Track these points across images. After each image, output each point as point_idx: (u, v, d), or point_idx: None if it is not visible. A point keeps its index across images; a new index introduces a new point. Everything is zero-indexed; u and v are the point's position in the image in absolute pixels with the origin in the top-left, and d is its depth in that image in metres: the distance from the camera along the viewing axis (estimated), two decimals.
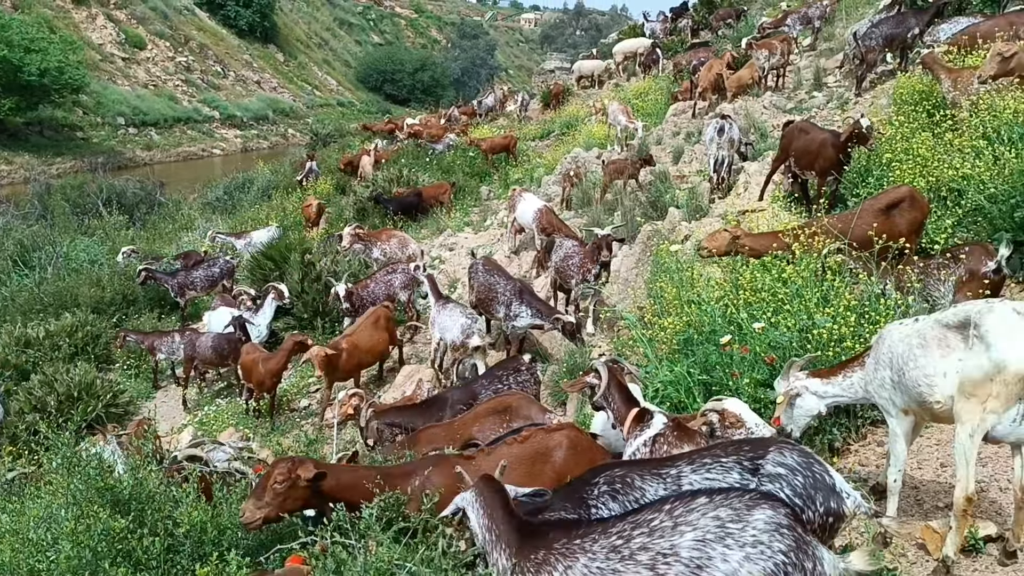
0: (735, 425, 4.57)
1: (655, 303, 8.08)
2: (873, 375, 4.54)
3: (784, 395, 4.91)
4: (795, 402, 4.92)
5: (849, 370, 4.79)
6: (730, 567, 3.01)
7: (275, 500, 4.21)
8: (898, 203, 7.22)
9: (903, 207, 7.19)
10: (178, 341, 12.72)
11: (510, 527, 3.49)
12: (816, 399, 4.89)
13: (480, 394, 7.48)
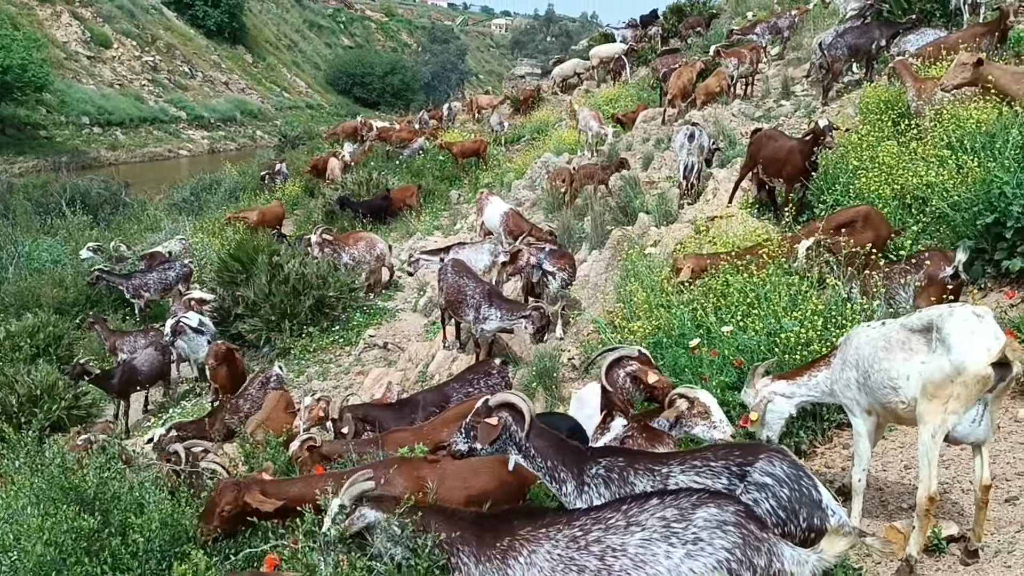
0: (702, 415, 4.62)
1: (624, 307, 8.13)
2: (839, 375, 4.61)
3: (757, 407, 4.94)
4: (767, 408, 4.97)
5: (815, 370, 4.86)
6: (672, 563, 3.20)
7: (224, 524, 4.30)
8: (852, 222, 7.38)
9: (857, 227, 7.33)
10: (142, 342, 12.56)
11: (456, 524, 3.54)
12: (785, 400, 4.95)
13: (451, 397, 7.49)
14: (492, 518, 3.59)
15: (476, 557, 3.45)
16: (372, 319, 13.24)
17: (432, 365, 10.86)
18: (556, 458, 4.09)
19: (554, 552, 3.35)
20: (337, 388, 11.46)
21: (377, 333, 12.56)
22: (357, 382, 11.43)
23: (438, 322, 11.51)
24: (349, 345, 12.76)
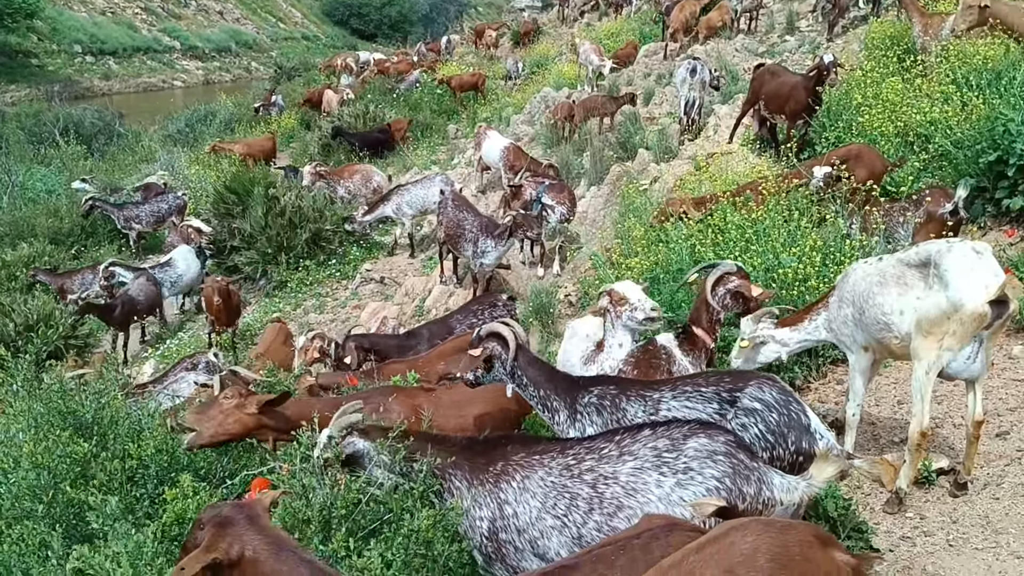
0: (620, 303, 4.77)
1: (622, 243, 8.11)
2: (837, 313, 4.60)
3: (749, 341, 4.94)
4: (757, 348, 4.95)
5: (814, 313, 4.83)
6: (663, 492, 3.23)
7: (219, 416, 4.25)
8: (845, 161, 7.31)
9: (850, 164, 7.26)
10: (90, 278, 12.47)
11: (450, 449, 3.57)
12: (778, 347, 4.93)
13: (455, 329, 7.50)
14: (485, 444, 3.61)
15: (469, 481, 3.48)
16: (369, 253, 13.21)
17: (429, 300, 10.86)
18: (548, 387, 4.15)
19: (547, 479, 3.38)
20: (334, 321, 11.48)
21: (374, 267, 12.53)
22: (354, 316, 11.44)
23: (435, 257, 11.49)
24: (346, 279, 12.76)
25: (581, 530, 3.26)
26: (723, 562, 2.29)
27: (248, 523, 2.69)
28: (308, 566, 2.64)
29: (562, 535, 3.30)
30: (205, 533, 2.68)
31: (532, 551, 3.38)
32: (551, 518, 3.32)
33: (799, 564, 2.32)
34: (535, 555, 3.38)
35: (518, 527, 3.36)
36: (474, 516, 3.42)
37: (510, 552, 3.41)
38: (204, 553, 2.62)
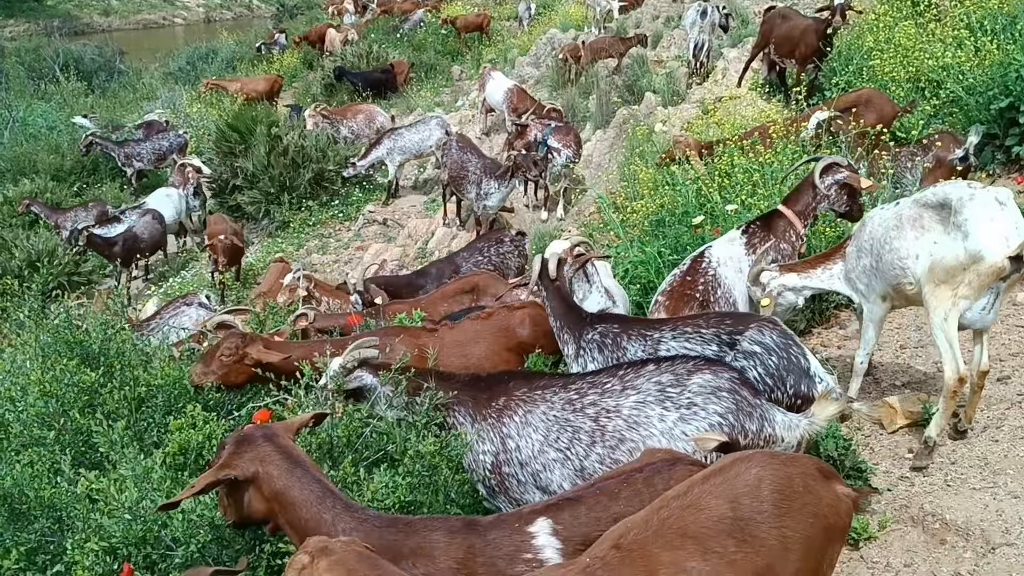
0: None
1: (628, 186, 8.07)
2: (855, 263, 4.48)
3: (767, 298, 4.87)
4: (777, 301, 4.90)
5: (831, 262, 4.71)
6: (665, 426, 3.25)
7: (220, 370, 4.29)
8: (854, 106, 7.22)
9: (859, 109, 7.16)
10: (82, 215, 12.43)
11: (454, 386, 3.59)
12: (794, 294, 4.88)
13: (461, 267, 7.51)
14: (488, 380, 3.62)
15: (472, 416, 3.50)
16: (372, 195, 13.15)
17: (432, 242, 10.85)
18: (563, 319, 4.24)
19: (549, 413, 3.40)
20: (336, 262, 11.47)
21: (376, 209, 12.49)
22: (356, 257, 11.43)
23: (438, 199, 11.45)
24: (348, 220, 12.73)
25: (583, 463, 3.30)
26: (727, 492, 2.32)
27: (265, 442, 2.72)
28: (319, 486, 2.68)
29: (564, 468, 3.34)
30: (226, 451, 2.72)
31: (535, 484, 3.43)
32: (553, 451, 3.35)
33: (802, 495, 2.35)
34: (537, 488, 3.42)
35: (520, 461, 3.40)
36: (478, 450, 3.45)
37: (513, 485, 3.46)
38: (218, 470, 2.66)
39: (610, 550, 2.29)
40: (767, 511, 2.30)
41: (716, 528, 2.26)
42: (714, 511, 2.28)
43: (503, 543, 2.62)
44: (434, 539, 2.62)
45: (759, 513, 2.29)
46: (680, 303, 4.88)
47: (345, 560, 2.26)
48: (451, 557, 2.58)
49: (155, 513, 2.88)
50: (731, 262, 5.03)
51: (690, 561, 2.23)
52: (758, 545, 2.27)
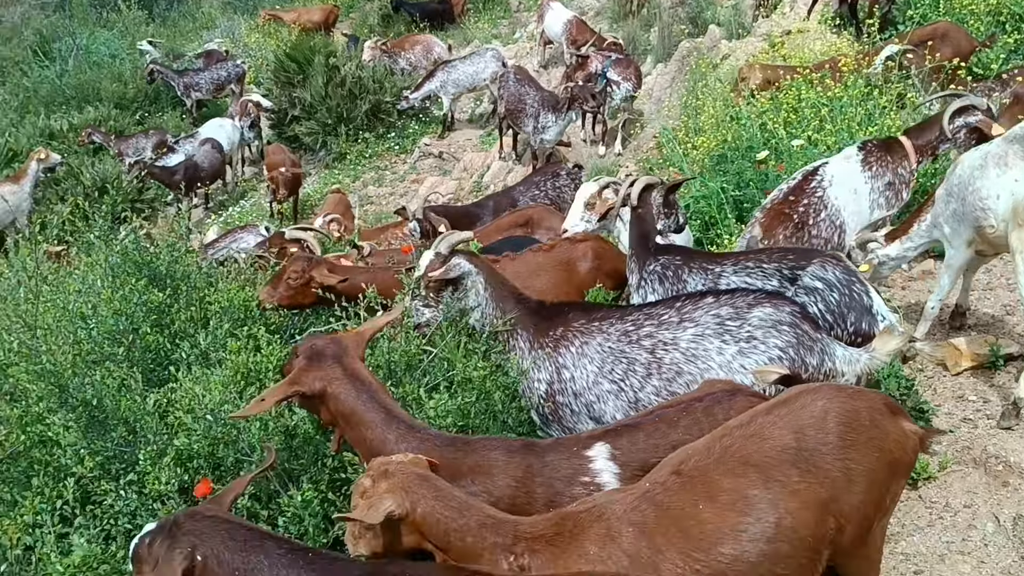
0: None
1: (689, 120, 7.91)
2: (944, 208, 4.30)
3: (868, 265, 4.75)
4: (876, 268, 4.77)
5: (920, 217, 4.57)
6: (724, 359, 3.23)
7: (287, 293, 4.38)
8: (930, 39, 6.92)
9: (935, 43, 6.86)
10: (143, 143, 12.61)
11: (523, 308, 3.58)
12: (893, 263, 4.74)
13: (519, 201, 7.48)
14: (550, 308, 3.61)
15: (531, 343, 3.51)
16: (428, 127, 13.11)
17: (487, 175, 10.81)
18: (635, 248, 4.22)
19: (605, 345, 3.39)
20: (392, 195, 11.52)
21: (432, 142, 12.46)
22: (412, 189, 11.46)
23: (495, 132, 11.37)
24: (404, 153, 12.74)
25: (638, 395, 3.30)
26: (792, 423, 2.30)
27: (335, 360, 2.77)
28: (383, 406, 2.73)
29: (618, 399, 3.35)
30: (297, 363, 2.79)
31: (588, 414, 3.44)
32: (608, 383, 3.36)
33: (868, 429, 2.32)
34: (591, 418, 3.44)
35: (575, 391, 3.41)
36: (532, 378, 3.47)
37: (566, 414, 3.48)
38: (287, 386, 2.73)
39: (670, 475, 2.31)
40: (832, 443, 2.28)
41: (779, 458, 2.25)
42: (778, 441, 2.27)
43: (561, 465, 2.64)
44: (493, 458, 2.66)
45: (824, 444, 2.28)
46: (775, 222, 4.80)
47: (404, 484, 2.33)
48: (509, 476, 2.62)
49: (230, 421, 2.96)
50: (845, 180, 4.87)
51: (752, 489, 2.24)
52: (822, 476, 2.26)
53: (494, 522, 2.32)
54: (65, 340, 3.73)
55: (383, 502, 2.25)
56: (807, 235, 4.78)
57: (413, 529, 2.31)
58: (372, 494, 2.30)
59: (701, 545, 2.21)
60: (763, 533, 2.21)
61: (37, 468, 2.98)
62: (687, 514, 2.24)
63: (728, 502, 2.24)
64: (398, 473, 2.35)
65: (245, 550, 2.13)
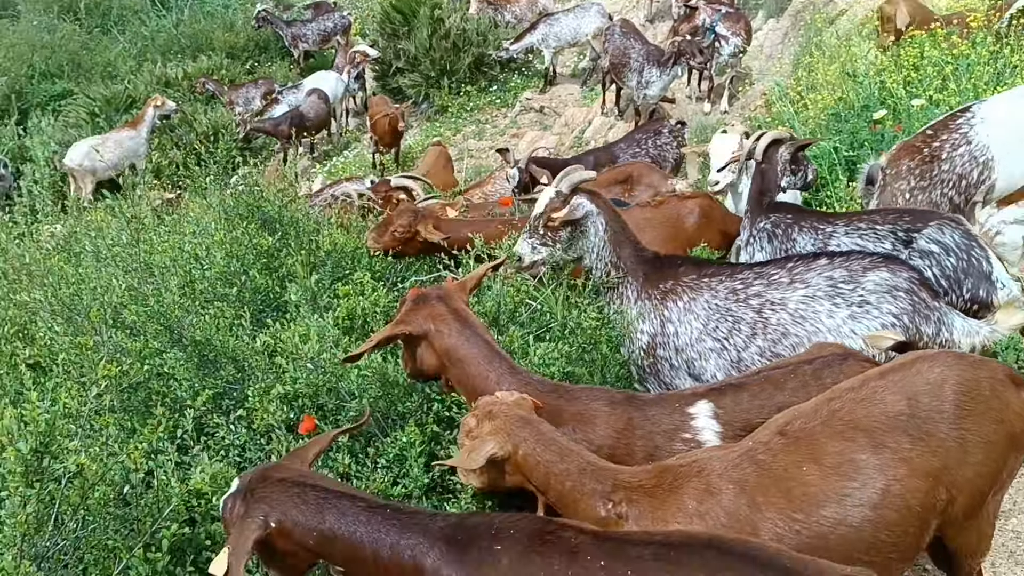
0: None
1: (802, 78, 7.64)
2: None
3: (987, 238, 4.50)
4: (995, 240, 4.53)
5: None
6: (834, 323, 3.15)
7: (392, 244, 4.45)
8: None
9: None
10: (252, 92, 12.88)
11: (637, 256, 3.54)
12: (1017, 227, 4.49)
13: (618, 157, 7.39)
14: (663, 260, 3.57)
15: (638, 293, 3.48)
16: (530, 81, 13.03)
17: (588, 131, 10.71)
18: (751, 203, 4.15)
19: (712, 302, 3.35)
20: (492, 149, 11.52)
21: (534, 96, 12.38)
22: (512, 144, 11.43)
23: (597, 87, 11.22)
24: (505, 107, 12.70)
25: (742, 354, 3.25)
26: (907, 389, 2.22)
27: (439, 302, 2.82)
28: (487, 348, 2.76)
29: (721, 358, 3.30)
30: (404, 307, 2.85)
31: (687, 371, 3.41)
32: (711, 340, 3.32)
33: (988, 400, 2.23)
34: (690, 375, 3.41)
35: (677, 346, 3.38)
36: (635, 328, 3.45)
37: (665, 369, 3.45)
38: (394, 326, 2.80)
39: (775, 435, 2.27)
40: (948, 411, 2.20)
41: (890, 423, 2.19)
42: (890, 406, 2.20)
43: (662, 420, 2.63)
44: (595, 407, 2.66)
45: (939, 413, 2.20)
46: (903, 153, 4.62)
47: (507, 426, 2.35)
48: (610, 426, 2.62)
49: (335, 365, 3.04)
50: (1008, 121, 4.54)
51: (859, 453, 2.18)
52: (935, 445, 2.18)
53: (594, 469, 2.33)
54: (179, 280, 3.88)
55: (484, 445, 2.29)
56: (936, 168, 4.54)
57: (515, 470, 2.34)
58: (476, 435, 2.34)
59: (803, 507, 2.16)
60: (869, 499, 2.15)
61: (155, 399, 3.13)
62: (790, 475, 2.20)
63: (833, 465, 2.18)
64: (501, 415, 2.38)
65: (319, 511, 2.12)
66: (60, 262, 3.95)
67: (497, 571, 1.99)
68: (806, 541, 2.14)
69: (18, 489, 2.33)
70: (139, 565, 2.42)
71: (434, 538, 2.09)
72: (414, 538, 2.10)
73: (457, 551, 2.06)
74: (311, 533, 2.11)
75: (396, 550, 2.09)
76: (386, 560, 2.10)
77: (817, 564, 1.86)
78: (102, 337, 3.29)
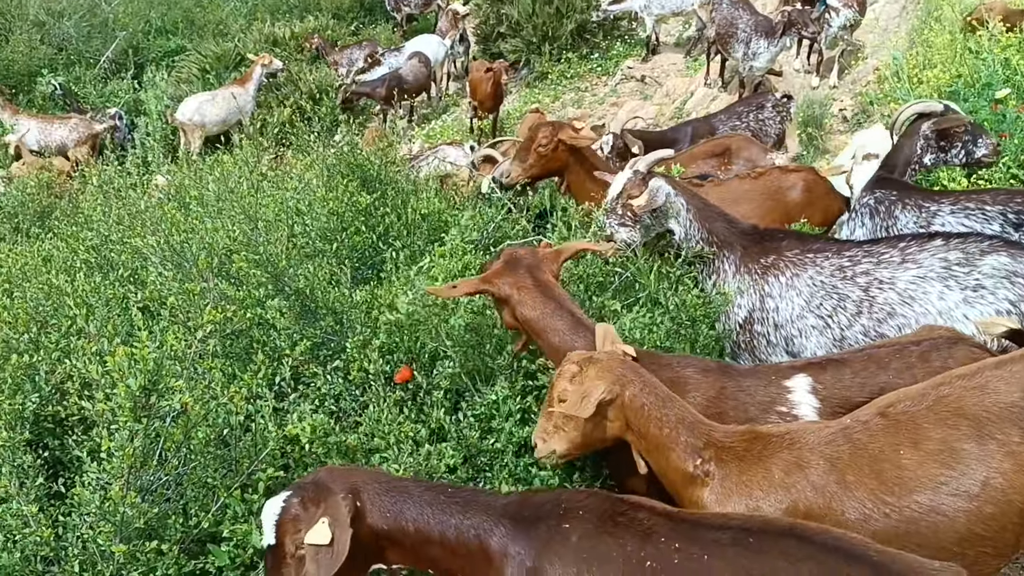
0: None
1: (920, 53, 7.31)
2: None
3: None
4: None
5: None
6: (945, 305, 3.05)
7: (538, 161, 4.46)
8: None
9: None
10: (356, 54, 12.99)
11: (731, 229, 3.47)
12: None
13: (718, 129, 7.23)
14: (764, 234, 3.49)
15: (736, 266, 3.42)
16: (632, 50, 12.82)
17: (690, 102, 10.50)
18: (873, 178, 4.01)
19: (817, 278, 3.26)
20: (590, 117, 11.42)
21: (636, 65, 12.19)
22: (610, 113, 11.31)
23: (701, 58, 10.97)
24: (606, 75, 12.54)
25: (845, 333, 3.17)
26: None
27: (527, 270, 2.84)
28: (571, 318, 2.77)
29: (823, 336, 3.22)
30: (494, 265, 2.87)
31: (785, 348, 3.34)
32: (814, 318, 3.24)
33: None
34: (787, 352, 3.34)
35: (776, 322, 3.31)
36: (733, 302, 3.39)
37: (761, 345, 3.39)
38: (479, 282, 2.86)
39: (875, 416, 2.22)
40: None
41: (1002, 414, 2.10)
42: (1004, 397, 2.12)
43: (757, 391, 2.59)
44: (687, 375, 2.65)
45: None
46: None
47: (613, 367, 2.36)
48: (702, 394, 2.61)
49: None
50: None
51: (963, 443, 2.11)
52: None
53: (691, 421, 2.33)
54: (282, 233, 3.99)
55: (596, 388, 2.29)
56: None
57: (619, 414, 2.35)
58: (582, 379, 2.34)
59: (894, 490, 2.12)
60: (967, 489, 2.09)
61: (256, 347, 3.24)
62: (885, 457, 2.15)
63: (933, 451, 2.12)
64: (605, 359, 2.39)
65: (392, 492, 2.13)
66: (172, 210, 4.09)
67: (566, 549, 1.97)
68: (894, 525, 2.09)
69: (127, 424, 2.45)
70: (236, 504, 2.53)
71: (498, 516, 2.08)
72: (477, 517, 2.09)
73: (524, 529, 2.04)
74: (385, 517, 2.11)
75: (461, 531, 2.09)
76: (452, 542, 2.09)
77: (904, 558, 1.81)
78: (208, 284, 3.41)
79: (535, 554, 2.00)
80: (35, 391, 2.92)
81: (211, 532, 2.59)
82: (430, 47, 12.79)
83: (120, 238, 4.42)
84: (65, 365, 2.95)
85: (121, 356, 2.52)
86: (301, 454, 2.71)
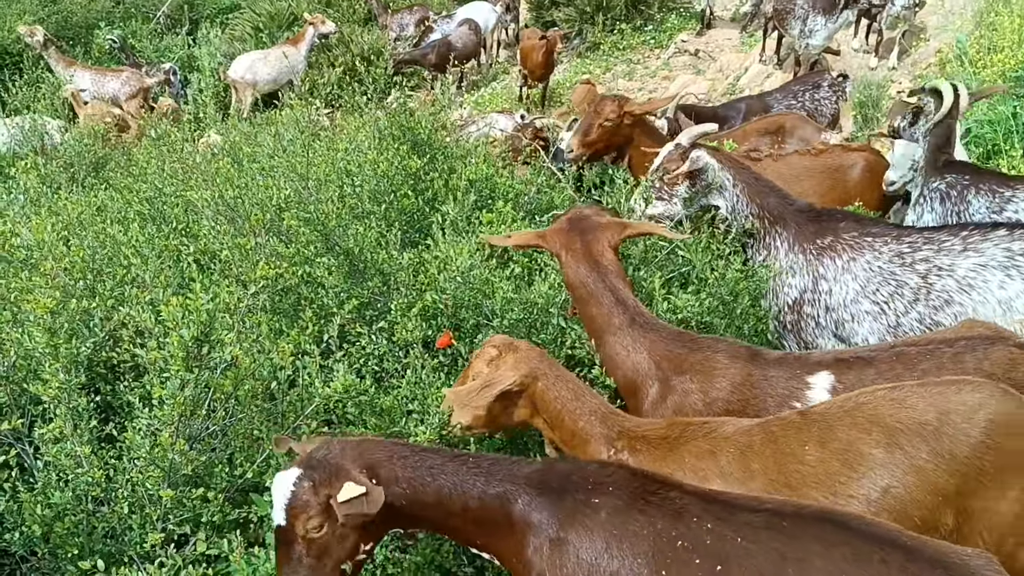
0: None
1: (985, 36, 7.11)
2: None
3: None
4: None
5: None
6: (1005, 295, 2.99)
7: (602, 134, 4.46)
8: None
9: None
10: (407, 19, 12.94)
11: (785, 207, 3.42)
12: None
13: (772, 107, 7.12)
14: (820, 213, 3.44)
15: (789, 244, 3.37)
16: (687, 23, 12.64)
17: (744, 78, 10.33)
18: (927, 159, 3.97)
19: (875, 263, 3.21)
20: (641, 91, 11.30)
21: (690, 39, 12.02)
22: (662, 87, 11.18)
23: (757, 34, 10.78)
24: (659, 48, 12.38)
25: (900, 319, 3.12)
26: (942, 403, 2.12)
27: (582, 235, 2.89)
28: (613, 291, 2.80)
29: (877, 322, 3.17)
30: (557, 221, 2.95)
31: (834, 331, 3.30)
32: (869, 303, 3.19)
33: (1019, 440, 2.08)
34: (836, 336, 3.29)
35: (828, 305, 3.27)
36: (783, 281, 3.35)
37: (809, 327, 3.35)
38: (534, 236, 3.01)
39: (796, 415, 2.28)
40: (975, 438, 2.07)
41: (914, 430, 2.10)
42: (919, 415, 2.11)
43: (778, 383, 2.58)
44: (716, 359, 2.65)
45: (965, 436, 2.08)
46: None
47: (529, 358, 2.46)
48: (728, 380, 2.61)
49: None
50: None
51: (871, 448, 2.12)
52: (954, 467, 2.07)
53: (604, 412, 2.42)
54: (333, 193, 4.02)
55: (508, 373, 2.39)
56: None
57: (528, 403, 2.45)
58: (497, 365, 2.41)
59: (791, 482, 2.15)
60: (866, 493, 2.10)
61: (304, 304, 3.28)
62: (790, 451, 2.19)
63: (838, 450, 2.15)
64: (524, 348, 2.50)
65: (411, 465, 2.11)
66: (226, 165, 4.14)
67: (594, 523, 1.95)
68: None
69: (178, 372, 2.51)
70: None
71: (521, 484, 2.07)
72: (501, 485, 2.08)
73: (550, 498, 2.03)
74: (404, 491, 2.08)
75: (484, 499, 2.07)
76: (475, 510, 2.08)
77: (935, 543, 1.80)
78: (260, 240, 3.46)
79: (559, 525, 1.98)
80: (90, 337, 2.98)
81: (255, 482, 2.66)
82: (481, 14, 12.72)
83: (173, 191, 4.49)
84: (119, 313, 3.01)
85: (175, 306, 2.57)
86: (343, 411, 2.76)
